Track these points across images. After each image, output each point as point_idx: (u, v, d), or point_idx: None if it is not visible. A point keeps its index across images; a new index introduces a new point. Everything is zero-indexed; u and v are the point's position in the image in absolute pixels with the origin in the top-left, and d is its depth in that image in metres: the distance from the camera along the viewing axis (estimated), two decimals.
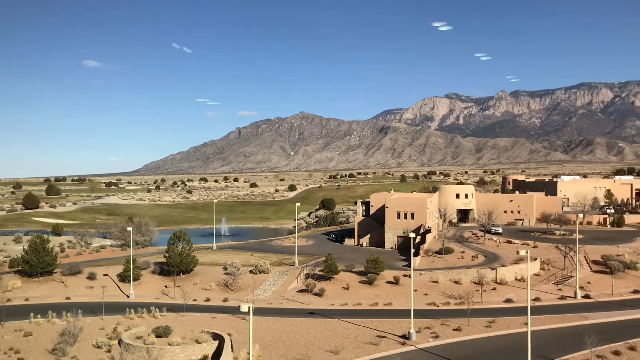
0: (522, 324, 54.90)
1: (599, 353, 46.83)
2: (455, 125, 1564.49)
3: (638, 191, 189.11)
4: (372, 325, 58.36)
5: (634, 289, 72.40)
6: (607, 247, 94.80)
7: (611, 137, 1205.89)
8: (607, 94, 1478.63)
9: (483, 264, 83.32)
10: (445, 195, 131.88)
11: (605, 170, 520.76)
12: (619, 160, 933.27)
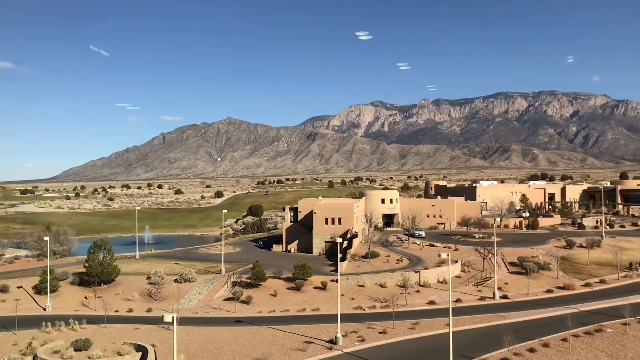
0: (444, 325, 56.61)
1: (515, 351, 49.00)
2: (380, 132, 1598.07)
3: (551, 195, 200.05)
4: (299, 331, 58.42)
5: (547, 289, 76.33)
6: (523, 249, 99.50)
7: (526, 144, 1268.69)
8: (522, 103, 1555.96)
9: (407, 267, 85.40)
10: (371, 201, 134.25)
11: (521, 175, 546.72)
12: (533, 166, 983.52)
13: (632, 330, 55.18)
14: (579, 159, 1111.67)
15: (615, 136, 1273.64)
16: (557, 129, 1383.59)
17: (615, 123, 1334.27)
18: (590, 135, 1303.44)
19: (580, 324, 56.83)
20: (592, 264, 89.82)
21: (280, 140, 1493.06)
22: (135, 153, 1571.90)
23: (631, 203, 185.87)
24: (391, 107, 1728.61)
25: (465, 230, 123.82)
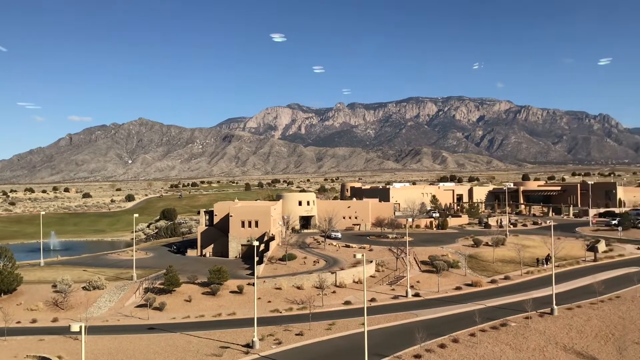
0: (359, 325, 57.59)
1: (427, 347, 50.71)
2: (297, 134, 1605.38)
3: (459, 196, 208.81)
4: (215, 336, 57.49)
5: (456, 286, 79.54)
6: (434, 248, 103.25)
7: (436, 148, 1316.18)
8: (432, 108, 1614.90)
9: (324, 268, 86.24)
10: (289, 203, 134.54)
11: (431, 177, 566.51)
12: (443, 169, 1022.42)
13: (534, 324, 58.60)
14: (485, 162, 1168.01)
15: (518, 140, 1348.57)
16: (465, 133, 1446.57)
17: (518, 127, 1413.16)
18: (495, 139, 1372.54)
19: (487, 319, 59.64)
20: (498, 261, 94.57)
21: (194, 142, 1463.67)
22: (40, 155, 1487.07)
23: (532, 203, 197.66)
24: (308, 109, 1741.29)
25: (380, 230, 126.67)
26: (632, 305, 65.20)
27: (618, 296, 69.59)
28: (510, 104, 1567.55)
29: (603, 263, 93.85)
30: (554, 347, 52.79)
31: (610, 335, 55.89)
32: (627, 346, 52.23)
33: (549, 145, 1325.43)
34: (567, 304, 65.42)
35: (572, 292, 73.28)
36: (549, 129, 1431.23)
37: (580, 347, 53.15)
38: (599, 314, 62.06)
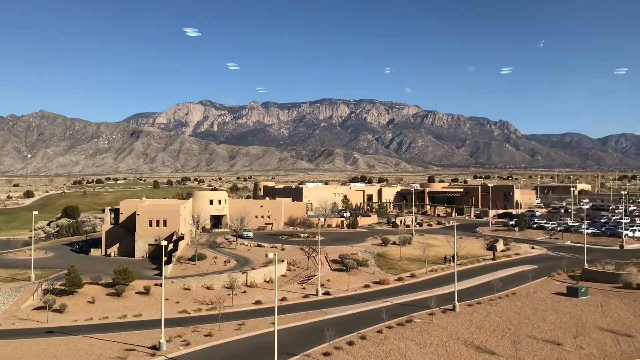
0: (270, 324, 57.59)
1: (336, 345, 51.55)
2: (209, 132, 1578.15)
3: (369, 196, 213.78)
4: (120, 338, 55.44)
5: (365, 284, 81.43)
6: (344, 247, 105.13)
7: (348, 149, 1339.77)
8: (345, 109, 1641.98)
9: (235, 268, 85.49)
10: (199, 202, 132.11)
11: (343, 178, 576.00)
12: (354, 169, 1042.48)
13: (437, 320, 61.12)
14: (394, 163, 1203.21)
15: (425, 143, 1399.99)
16: (375, 135, 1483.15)
17: (425, 131, 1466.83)
18: (404, 142, 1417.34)
19: (393, 316, 61.51)
20: (404, 259, 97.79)
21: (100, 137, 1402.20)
22: None
23: (437, 204, 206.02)
24: (221, 107, 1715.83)
25: (292, 230, 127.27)
26: (527, 301, 69.57)
27: (514, 293, 73.99)
28: (418, 108, 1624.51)
29: (501, 261, 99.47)
30: (455, 342, 55.31)
31: (506, 329, 59.32)
32: (521, 339, 55.64)
33: (453, 149, 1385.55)
34: (468, 301, 68.74)
35: (473, 289, 77.12)
36: (454, 134, 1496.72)
37: (479, 341, 56.02)
38: (496, 309, 65.71)
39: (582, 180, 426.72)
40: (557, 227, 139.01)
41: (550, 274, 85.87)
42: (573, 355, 53.69)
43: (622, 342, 57.36)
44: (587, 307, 67.69)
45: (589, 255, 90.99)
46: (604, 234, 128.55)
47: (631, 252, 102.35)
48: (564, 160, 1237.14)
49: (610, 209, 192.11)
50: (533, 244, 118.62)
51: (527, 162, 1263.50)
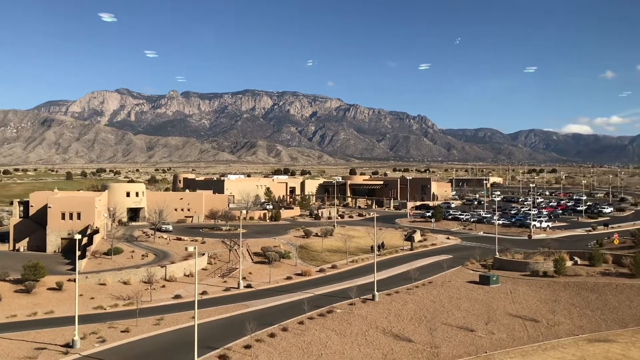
0: (190, 318, 56.64)
1: (258, 337, 51.47)
2: (126, 121, 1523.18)
3: (292, 189, 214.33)
4: (30, 337, 52.69)
5: (287, 276, 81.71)
6: (266, 239, 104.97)
7: (271, 141, 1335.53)
8: (268, 101, 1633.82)
9: (153, 262, 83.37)
10: (116, 194, 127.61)
11: (266, 170, 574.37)
12: (277, 162, 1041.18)
13: (357, 309, 62.32)
14: (317, 156, 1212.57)
15: (347, 136, 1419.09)
16: (298, 128, 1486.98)
17: (347, 125, 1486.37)
18: (326, 135, 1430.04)
19: (315, 307, 62.12)
20: (326, 251, 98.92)
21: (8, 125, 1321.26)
22: None
23: (358, 196, 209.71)
24: (138, 95, 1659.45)
25: (213, 223, 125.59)
26: (442, 290, 72.27)
27: (430, 282, 76.63)
28: (341, 102, 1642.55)
29: (418, 251, 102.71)
30: (374, 331, 56.69)
31: (423, 317, 61.42)
32: (437, 327, 57.81)
33: (374, 143, 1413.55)
34: (387, 290, 70.51)
35: (392, 278, 79.19)
36: (375, 127, 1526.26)
37: (397, 329, 57.71)
38: (414, 298, 67.85)
39: (494, 173, 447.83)
40: (471, 219, 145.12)
41: (464, 263, 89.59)
42: (485, 340, 56.40)
43: (529, 326, 60.86)
44: (497, 294, 71.22)
45: (500, 245, 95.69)
46: (514, 224, 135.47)
47: (538, 242, 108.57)
48: (477, 154, 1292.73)
49: (519, 201, 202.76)
50: (448, 235, 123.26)
51: (444, 155, 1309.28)
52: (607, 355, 49.73)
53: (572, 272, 79.34)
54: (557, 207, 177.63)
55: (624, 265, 79.53)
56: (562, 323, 61.96)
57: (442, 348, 53.21)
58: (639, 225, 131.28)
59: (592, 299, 68.87)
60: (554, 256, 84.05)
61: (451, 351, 52.94)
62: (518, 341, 56.51)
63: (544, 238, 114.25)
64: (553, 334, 58.69)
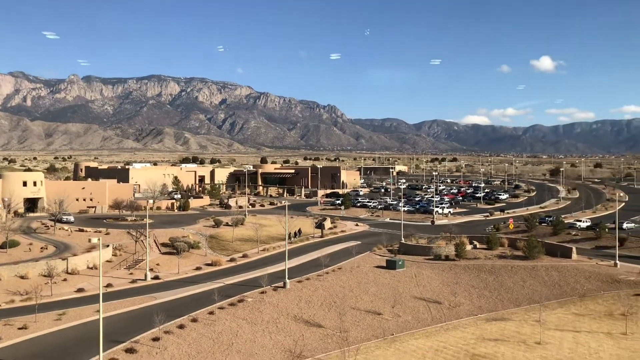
0: (94, 312, 54.53)
1: (166, 329, 50.46)
2: (22, 106, 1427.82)
3: (201, 178, 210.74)
4: None
5: (196, 266, 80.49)
6: (175, 229, 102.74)
7: (178, 128, 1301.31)
8: (175, 87, 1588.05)
9: (54, 255, 79.29)
10: (10, 183, 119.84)
11: (173, 158, 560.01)
12: (185, 150, 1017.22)
13: (269, 298, 62.60)
14: (227, 144, 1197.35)
15: (257, 125, 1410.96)
16: (208, 115, 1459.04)
17: (258, 113, 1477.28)
18: (237, 123, 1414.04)
19: (225, 296, 61.71)
20: (237, 240, 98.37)
21: None
22: None
23: (269, 185, 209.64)
24: (35, 79, 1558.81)
25: (118, 213, 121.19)
26: (351, 275, 74.08)
27: (340, 268, 78.29)
28: (251, 89, 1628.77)
29: (329, 238, 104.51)
30: (285, 318, 57.26)
31: (333, 303, 62.75)
32: (346, 311, 59.30)
33: (285, 131, 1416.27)
34: (298, 277, 71.27)
35: (303, 265, 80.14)
36: (285, 116, 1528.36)
37: (308, 315, 58.61)
38: (324, 284, 69.09)
39: (400, 162, 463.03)
40: (378, 206, 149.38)
41: (372, 249, 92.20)
42: (391, 323, 58.56)
43: (432, 308, 63.83)
44: (403, 278, 74.02)
45: (405, 231, 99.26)
46: (418, 211, 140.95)
47: (440, 227, 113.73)
48: (384, 143, 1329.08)
49: (423, 189, 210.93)
50: (357, 222, 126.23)
51: (353, 144, 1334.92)
52: (503, 333, 53.16)
53: (472, 255, 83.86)
54: (458, 194, 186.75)
55: (519, 248, 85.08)
56: (463, 304, 65.48)
57: (351, 332, 54.68)
58: (531, 210, 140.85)
59: (489, 280, 73.21)
60: (455, 241, 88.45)
61: (360, 335, 54.53)
62: (422, 322, 59.14)
63: (446, 223, 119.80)
64: (454, 314, 61.91)
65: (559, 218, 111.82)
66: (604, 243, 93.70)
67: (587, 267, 75.70)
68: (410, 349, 48.85)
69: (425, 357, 46.39)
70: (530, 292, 68.33)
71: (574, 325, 55.06)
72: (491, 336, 52.13)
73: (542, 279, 72.38)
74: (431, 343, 50.38)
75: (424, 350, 48.07)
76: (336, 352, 48.41)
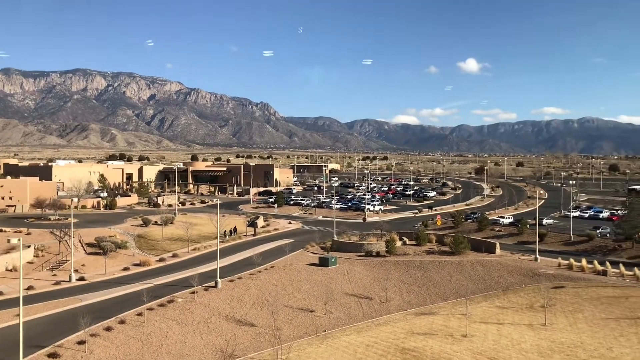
0: (14, 316, 51.84)
1: (92, 332, 48.72)
2: None
3: (129, 175, 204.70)
4: None
5: (124, 267, 78.11)
6: (101, 229, 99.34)
7: (105, 124, 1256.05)
8: (101, 82, 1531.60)
9: None
10: None
11: (99, 155, 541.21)
12: (112, 146, 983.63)
13: (199, 298, 61.64)
14: (156, 141, 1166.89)
15: (188, 121, 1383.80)
16: (136, 111, 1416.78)
17: (188, 109, 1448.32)
18: (166, 119, 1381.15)
19: (154, 297, 60.23)
20: (167, 240, 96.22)
21: None
22: None
23: (201, 183, 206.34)
24: None
25: (40, 212, 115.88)
26: (284, 273, 74.11)
27: (273, 266, 78.15)
28: (181, 85, 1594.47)
29: (262, 237, 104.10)
30: (217, 318, 56.57)
31: (265, 301, 62.55)
32: (278, 310, 59.24)
33: (216, 128, 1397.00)
34: (230, 277, 70.57)
35: (235, 264, 79.45)
36: (217, 113, 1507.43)
37: (240, 315, 58.15)
38: (257, 283, 68.76)
39: (332, 160, 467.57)
40: (311, 203, 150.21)
41: (305, 246, 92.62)
42: (324, 319, 59.05)
43: (363, 304, 64.87)
44: (336, 275, 74.79)
45: (338, 228, 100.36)
46: (350, 208, 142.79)
47: (372, 224, 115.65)
48: (317, 142, 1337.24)
49: (355, 187, 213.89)
50: (290, 220, 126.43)
51: (286, 142, 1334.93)
52: (431, 327, 54.70)
53: (402, 251, 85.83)
54: (388, 192, 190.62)
55: (446, 244, 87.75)
56: (393, 299, 66.90)
57: (284, 330, 54.72)
58: (458, 207, 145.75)
59: (418, 275, 75.16)
60: (386, 237, 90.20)
61: (292, 332, 54.65)
62: (354, 319, 59.95)
63: (377, 220, 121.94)
64: (385, 309, 63.14)
65: (484, 215, 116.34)
66: (525, 238, 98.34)
67: (509, 261, 79.06)
68: (342, 345, 49.41)
69: (357, 352, 47.06)
70: (457, 286, 70.65)
71: (497, 317, 57.39)
72: (420, 330, 53.51)
73: (468, 273, 75.01)
74: (362, 339, 51.15)
75: (355, 346, 48.75)
76: (268, 350, 48.29)
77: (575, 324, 54.02)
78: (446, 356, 45.73)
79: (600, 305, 59.19)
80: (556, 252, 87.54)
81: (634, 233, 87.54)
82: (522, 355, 45.80)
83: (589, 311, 57.59)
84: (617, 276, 70.36)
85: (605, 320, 54.57)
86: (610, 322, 53.77)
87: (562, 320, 55.28)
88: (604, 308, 58.12)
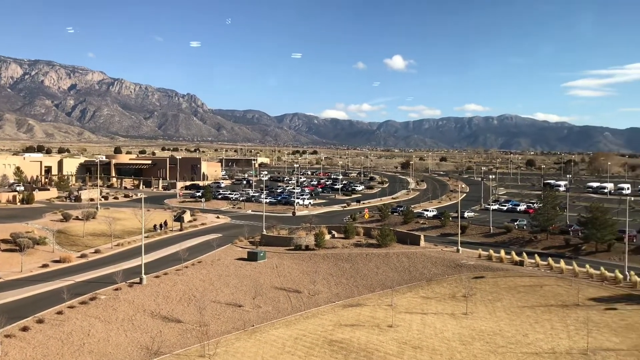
0: None
1: (7, 333, 46.36)
2: None
3: (47, 168, 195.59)
4: None
5: (43, 264, 74.62)
6: (17, 224, 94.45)
7: (21, 114, 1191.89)
8: (17, 70, 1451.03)
9: None
10: None
11: (15, 147, 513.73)
12: (29, 138, 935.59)
13: (123, 294, 59.85)
14: (77, 133, 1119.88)
15: (111, 112, 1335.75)
16: (55, 101, 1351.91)
17: (111, 100, 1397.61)
18: (88, 110, 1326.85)
19: (76, 294, 57.96)
20: (89, 235, 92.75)
21: None
22: None
23: (124, 176, 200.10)
24: None
25: None
26: (212, 268, 73.20)
27: (200, 261, 76.99)
28: (104, 75, 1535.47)
29: (188, 232, 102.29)
30: (142, 315, 55.19)
31: (192, 297, 61.60)
32: (206, 305, 58.52)
33: (141, 120, 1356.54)
34: (155, 272, 68.94)
35: (161, 260, 77.66)
36: (142, 104, 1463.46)
37: (166, 311, 57.00)
38: (183, 279, 67.54)
39: (262, 154, 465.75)
40: (240, 197, 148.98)
41: (234, 241, 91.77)
42: (252, 314, 58.93)
43: (292, 297, 65.22)
44: (264, 269, 74.68)
45: (267, 222, 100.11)
46: (280, 202, 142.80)
47: (301, 218, 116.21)
48: (246, 135, 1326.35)
49: (285, 180, 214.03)
50: (218, 214, 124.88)
51: (214, 135, 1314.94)
52: (358, 318, 55.75)
53: (330, 244, 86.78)
54: (318, 186, 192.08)
55: (373, 236, 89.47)
56: (322, 292, 67.62)
57: (212, 325, 54.12)
58: (384, 201, 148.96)
59: (346, 268, 76.30)
60: (315, 231, 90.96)
61: (220, 327, 54.17)
62: (283, 312, 60.15)
63: (306, 214, 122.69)
64: (314, 302, 63.73)
65: (409, 208, 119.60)
66: (448, 230, 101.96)
67: (433, 253, 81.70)
68: (271, 339, 49.50)
69: (285, 346, 47.28)
70: (384, 278, 72.30)
71: (422, 307, 59.24)
72: (348, 322, 54.41)
73: (394, 265, 76.90)
74: (291, 332, 51.44)
75: (283, 340, 48.96)
76: (196, 346, 47.67)
77: (494, 312, 56.64)
78: (373, 346, 46.78)
79: (517, 294, 62.34)
80: (477, 243, 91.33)
81: (548, 225, 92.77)
82: (444, 344, 47.55)
83: (506, 300, 60.53)
84: (533, 266, 74.23)
85: (522, 308, 57.56)
86: (526, 310, 56.76)
87: (482, 309, 57.80)
88: (521, 297, 61.27)
